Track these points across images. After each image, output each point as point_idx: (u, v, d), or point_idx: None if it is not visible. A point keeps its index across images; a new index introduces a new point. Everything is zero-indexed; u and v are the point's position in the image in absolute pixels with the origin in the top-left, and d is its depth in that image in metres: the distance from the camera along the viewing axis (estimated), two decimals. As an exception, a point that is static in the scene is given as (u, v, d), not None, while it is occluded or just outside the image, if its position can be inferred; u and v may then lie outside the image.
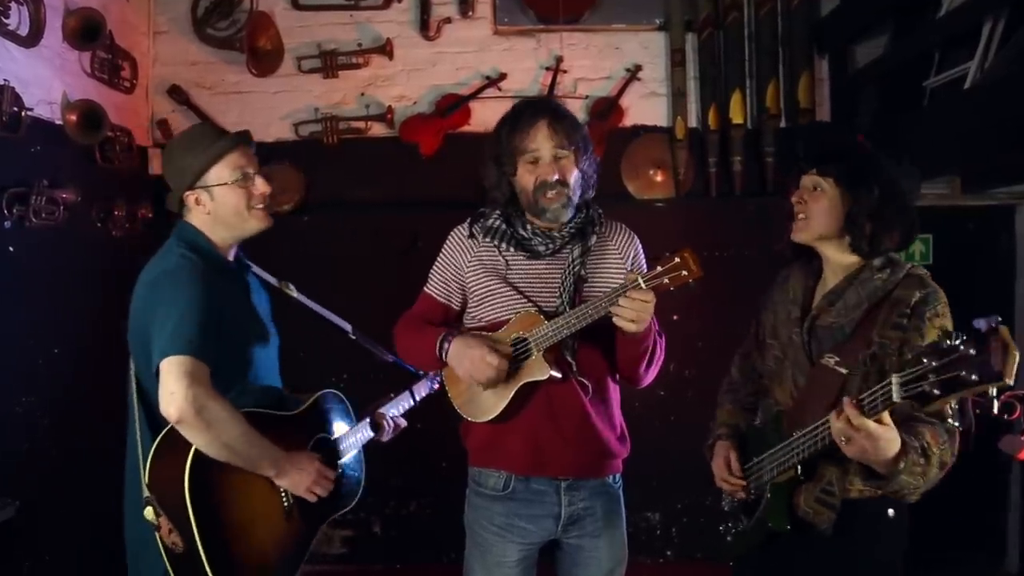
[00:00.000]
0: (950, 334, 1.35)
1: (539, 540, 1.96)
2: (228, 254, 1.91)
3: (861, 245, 1.72)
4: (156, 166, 3.52)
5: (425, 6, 3.58)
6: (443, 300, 2.03)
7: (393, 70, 3.63)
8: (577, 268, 1.90)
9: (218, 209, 1.84)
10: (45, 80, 2.84)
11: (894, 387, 1.39)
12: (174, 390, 1.61)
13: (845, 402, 1.48)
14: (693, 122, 3.58)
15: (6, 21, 2.61)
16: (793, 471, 1.70)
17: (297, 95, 3.62)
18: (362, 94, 3.63)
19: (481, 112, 3.56)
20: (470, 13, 3.59)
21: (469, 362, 1.84)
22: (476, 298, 1.97)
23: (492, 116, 2.18)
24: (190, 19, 3.58)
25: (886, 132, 3.13)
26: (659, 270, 1.69)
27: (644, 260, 2.00)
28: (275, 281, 2.12)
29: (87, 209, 3.05)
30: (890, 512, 1.68)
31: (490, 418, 1.90)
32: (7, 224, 2.62)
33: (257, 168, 1.88)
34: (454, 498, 2.13)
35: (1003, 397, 2.76)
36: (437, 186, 3.49)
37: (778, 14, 3.52)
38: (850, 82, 3.51)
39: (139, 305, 1.77)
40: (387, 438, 2.13)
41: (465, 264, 1.98)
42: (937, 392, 1.33)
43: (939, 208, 3.36)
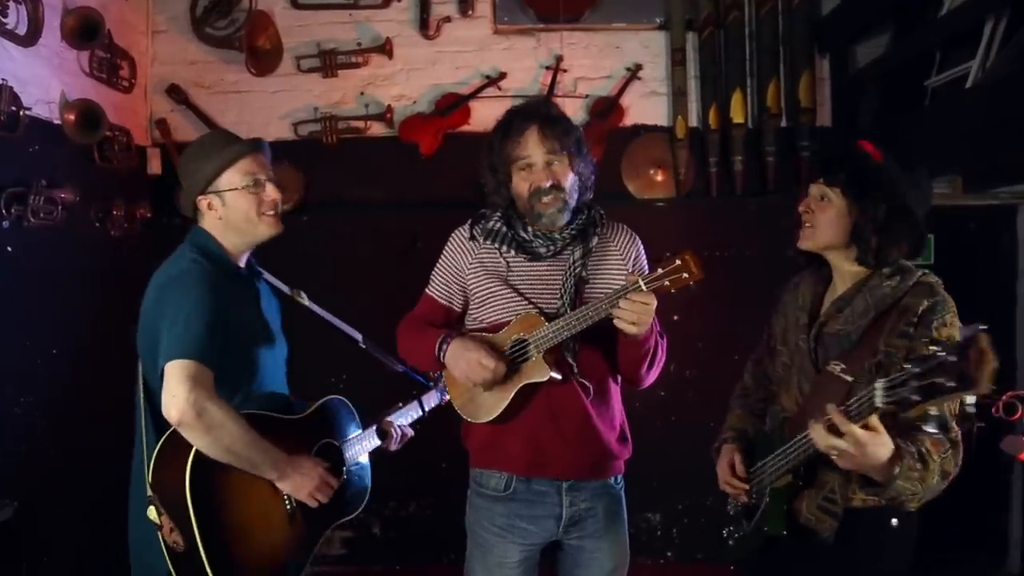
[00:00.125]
0: (937, 341, 1.36)
1: (540, 541, 1.96)
2: (240, 260, 1.92)
3: (867, 257, 1.70)
4: (155, 166, 3.52)
5: (425, 5, 3.57)
6: (444, 302, 2.03)
7: (392, 69, 3.62)
8: (578, 270, 1.89)
9: (229, 214, 1.85)
10: (43, 79, 2.84)
11: (877, 393, 1.41)
12: (176, 393, 1.62)
13: (830, 409, 1.48)
14: (694, 121, 3.58)
15: (4, 20, 2.60)
16: (789, 476, 1.70)
17: (296, 94, 3.61)
18: (361, 93, 3.62)
19: (481, 111, 3.56)
20: (470, 12, 3.58)
21: (465, 364, 1.84)
22: (477, 300, 1.96)
23: (492, 115, 2.18)
24: (189, 18, 3.57)
25: (887, 132, 3.12)
26: (660, 272, 1.68)
27: (646, 261, 1.99)
28: (287, 289, 2.13)
29: (85, 209, 3.04)
30: (894, 522, 1.67)
31: (490, 419, 1.89)
32: (5, 224, 2.61)
33: (269, 175, 1.90)
34: (454, 499, 2.12)
35: (1006, 397, 2.76)
36: (437, 186, 3.48)
37: (779, 13, 3.52)
38: (851, 81, 3.51)
39: (148, 308, 1.78)
40: (395, 447, 2.11)
41: (466, 266, 1.98)
42: (916, 398, 1.35)
43: (940, 208, 3.32)
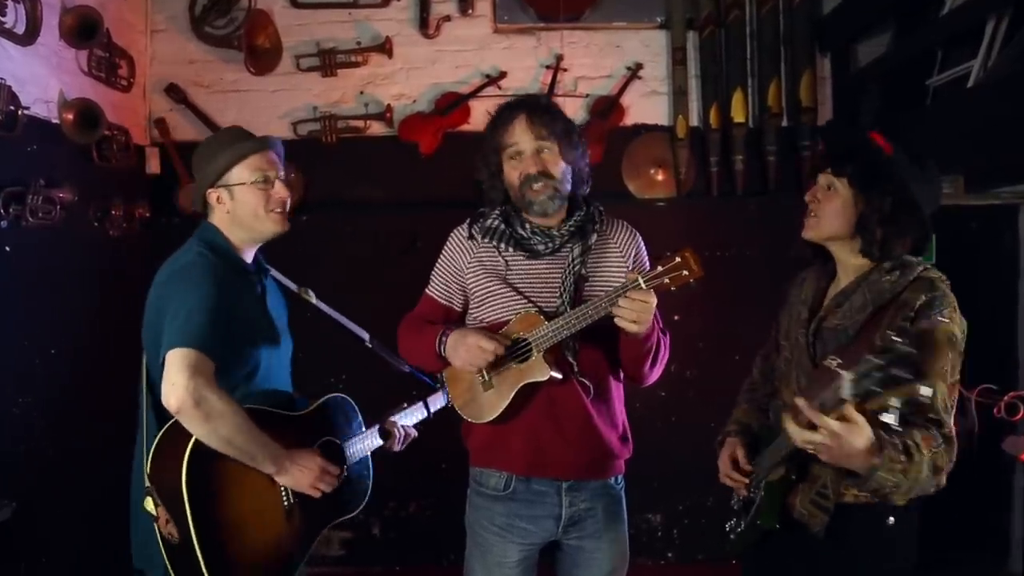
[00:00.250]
0: (904, 332, 1.38)
1: (540, 541, 1.95)
2: (246, 256, 1.94)
3: (872, 249, 1.69)
4: (153, 165, 3.52)
5: (425, 4, 3.56)
6: (444, 302, 2.02)
7: (392, 68, 3.61)
8: (577, 267, 1.89)
9: (236, 209, 1.88)
10: (42, 78, 2.83)
11: (845, 384, 1.41)
12: (175, 381, 1.63)
13: (798, 401, 1.47)
14: (694, 121, 3.57)
15: (2, 19, 2.59)
16: (782, 470, 1.70)
17: (296, 94, 3.60)
18: (361, 93, 3.61)
19: (481, 111, 3.53)
20: (470, 11, 3.57)
21: (464, 350, 1.84)
22: (476, 299, 1.96)
23: (492, 115, 2.16)
24: (188, 17, 3.56)
25: (889, 131, 3.07)
26: (659, 270, 1.67)
27: (647, 258, 1.99)
28: (295, 287, 2.14)
29: (84, 209, 3.03)
30: (890, 520, 1.66)
31: (491, 419, 1.89)
32: (3, 224, 2.60)
33: (279, 174, 1.92)
34: (454, 499, 2.12)
35: (1007, 398, 2.76)
36: (436, 185, 3.47)
37: (780, 12, 3.51)
38: (852, 80, 3.49)
39: (153, 299, 1.80)
40: (398, 448, 2.11)
41: (465, 265, 1.97)
42: (878, 389, 1.37)
43: (942, 207, 3.32)
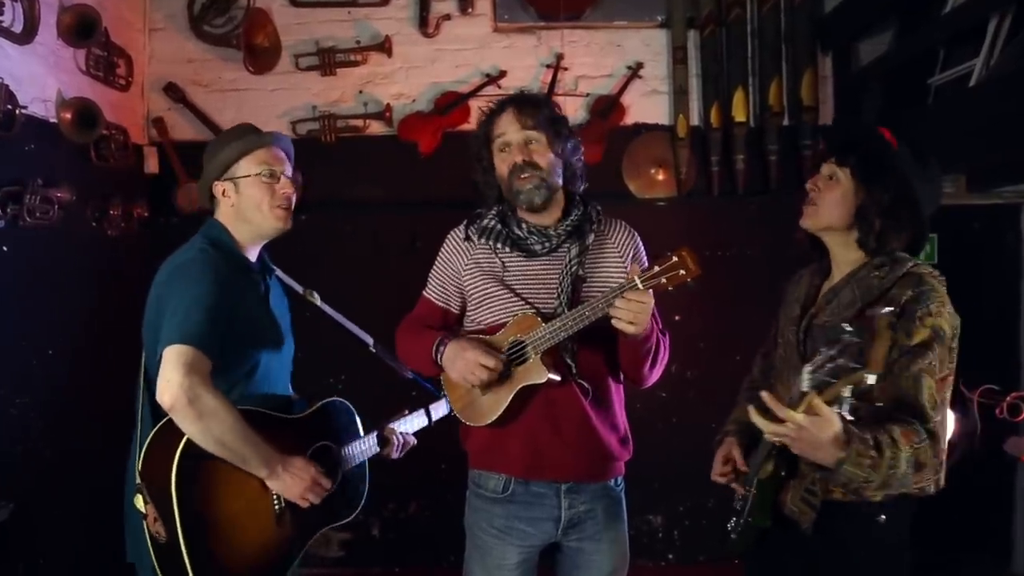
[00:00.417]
0: (852, 322, 1.46)
1: (539, 543, 1.94)
2: (251, 254, 1.93)
3: (868, 241, 1.69)
4: (152, 165, 3.51)
5: (424, 3, 3.55)
6: (442, 304, 2.01)
7: (392, 68, 3.60)
8: (575, 268, 1.87)
9: (241, 202, 1.87)
10: (39, 78, 2.82)
11: (804, 376, 1.46)
12: (170, 377, 1.62)
13: (763, 395, 1.50)
14: (695, 120, 3.56)
15: (0, 18, 2.58)
16: (771, 467, 1.70)
17: (295, 93, 3.59)
18: (360, 92, 3.60)
19: (481, 110, 3.53)
20: (470, 10, 3.56)
21: (462, 364, 1.82)
22: (474, 301, 1.95)
23: (492, 114, 2.15)
24: (186, 16, 3.55)
25: (891, 130, 3.09)
26: (656, 270, 1.66)
27: (646, 258, 1.97)
28: (300, 288, 2.13)
29: (82, 208, 3.02)
30: (881, 518, 1.65)
31: (489, 422, 1.87)
32: (1, 224, 2.59)
33: (285, 171, 1.92)
34: (453, 501, 2.11)
35: (1010, 398, 2.75)
36: (436, 185, 3.46)
37: (781, 11, 3.50)
38: (854, 79, 3.48)
39: (154, 296, 1.80)
40: (396, 455, 2.09)
41: (462, 267, 1.96)
42: (831, 380, 1.44)
43: (944, 207, 3.30)
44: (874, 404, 1.57)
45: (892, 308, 1.60)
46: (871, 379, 1.43)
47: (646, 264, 1.88)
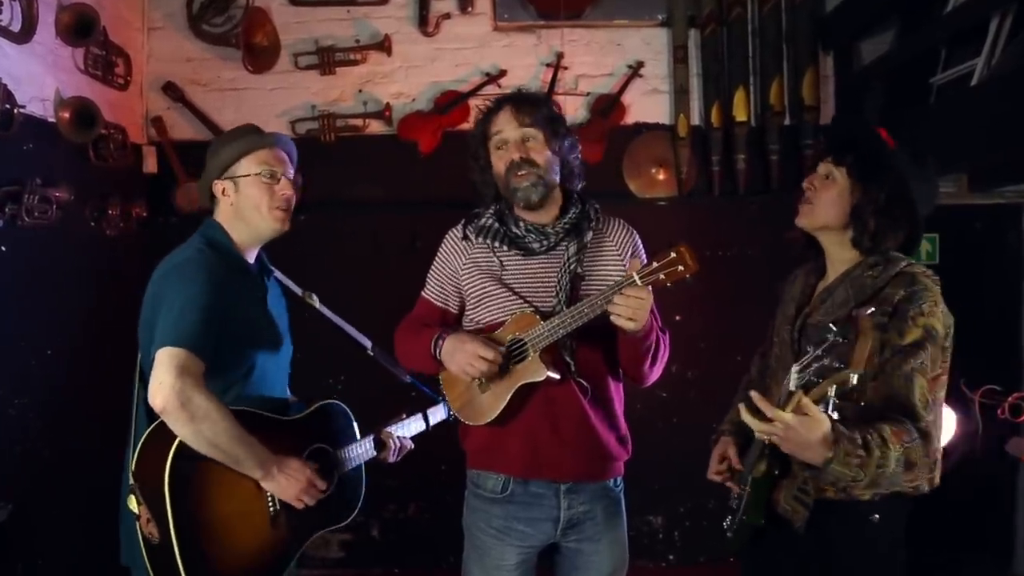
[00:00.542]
0: (837, 322, 1.48)
1: (538, 544, 1.94)
2: (248, 255, 1.92)
3: (863, 240, 1.70)
4: (151, 164, 3.50)
5: (424, 2, 3.54)
6: (440, 304, 2.01)
7: (391, 67, 3.59)
8: (573, 266, 1.87)
9: (240, 201, 1.86)
10: (38, 77, 2.81)
11: (792, 376, 1.49)
12: (162, 380, 1.61)
13: (752, 395, 1.51)
14: (696, 119, 3.55)
15: (-2, 17, 2.58)
16: (764, 465, 1.71)
17: (294, 92, 3.58)
18: (360, 91, 3.59)
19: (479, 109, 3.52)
20: (469, 9, 3.55)
21: (461, 356, 1.81)
22: (472, 301, 1.94)
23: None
24: (185, 15, 3.54)
25: (892, 130, 3.08)
26: (655, 266, 1.66)
27: (644, 255, 1.97)
28: (299, 290, 2.12)
29: (80, 208, 3.01)
30: (874, 517, 1.65)
31: (488, 421, 1.87)
32: (-1, 223, 2.58)
33: (286, 173, 1.91)
34: (453, 502, 2.10)
35: (1012, 399, 2.74)
36: (436, 184, 3.45)
37: (782, 10, 3.49)
38: (856, 79, 3.47)
39: (149, 295, 1.79)
40: (392, 459, 2.08)
41: (460, 267, 1.96)
42: (816, 379, 1.47)
43: (946, 207, 3.30)
44: (859, 404, 1.58)
45: (875, 308, 1.61)
46: (854, 378, 1.44)
47: (645, 261, 1.88)
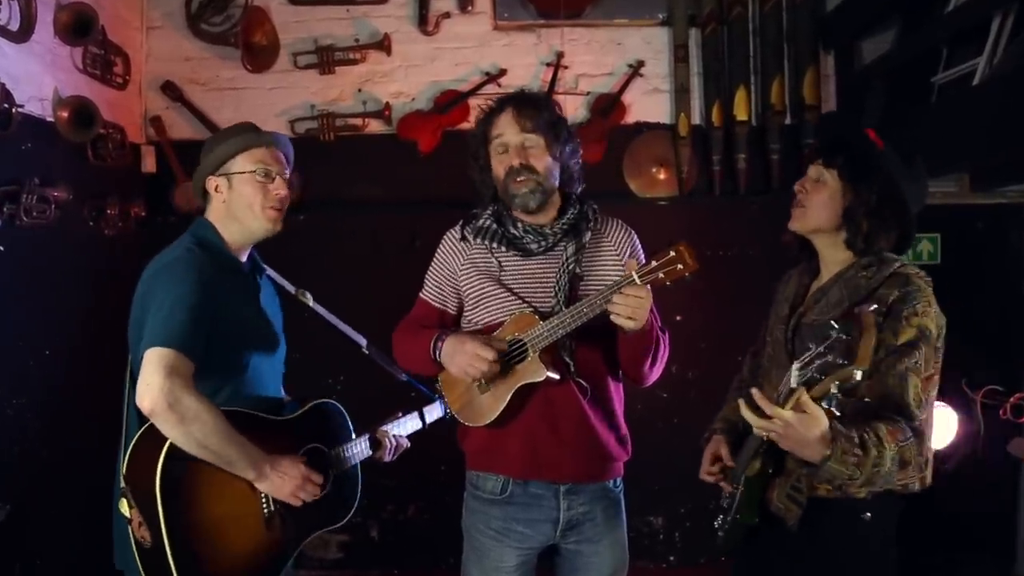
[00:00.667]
0: (837, 320, 1.47)
1: (537, 545, 1.93)
2: (240, 254, 1.89)
3: (856, 241, 1.71)
4: (149, 164, 3.49)
5: (424, 1, 3.53)
6: (438, 305, 2.00)
7: (391, 66, 3.58)
8: (571, 266, 1.86)
9: (233, 199, 1.84)
10: (36, 76, 2.80)
11: (793, 374, 1.48)
12: (150, 381, 1.59)
13: (753, 392, 1.51)
14: (696, 119, 3.54)
15: (-4, 16, 2.57)
16: (758, 464, 1.71)
17: (293, 91, 3.57)
18: (359, 90, 3.58)
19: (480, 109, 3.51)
20: (469, 8, 3.54)
21: (461, 357, 1.80)
22: (471, 301, 1.93)
23: (491, 113, 2.14)
24: (184, 14, 3.53)
25: (894, 129, 3.08)
26: (654, 264, 1.65)
27: (643, 255, 1.96)
28: (292, 288, 2.10)
29: (79, 208, 3.01)
30: (867, 515, 1.66)
31: (487, 422, 1.86)
32: (-3, 223, 2.58)
33: (281, 172, 1.88)
34: (452, 503, 2.09)
35: (1014, 399, 2.73)
36: (435, 184, 3.44)
37: (783, 9, 3.48)
38: (857, 78, 3.46)
39: (139, 295, 1.77)
40: (388, 458, 2.06)
41: (458, 268, 1.95)
42: (819, 376, 1.46)
43: (948, 206, 3.31)
44: (861, 400, 1.59)
45: (878, 305, 1.61)
46: (859, 375, 1.44)
47: (643, 261, 1.87)
